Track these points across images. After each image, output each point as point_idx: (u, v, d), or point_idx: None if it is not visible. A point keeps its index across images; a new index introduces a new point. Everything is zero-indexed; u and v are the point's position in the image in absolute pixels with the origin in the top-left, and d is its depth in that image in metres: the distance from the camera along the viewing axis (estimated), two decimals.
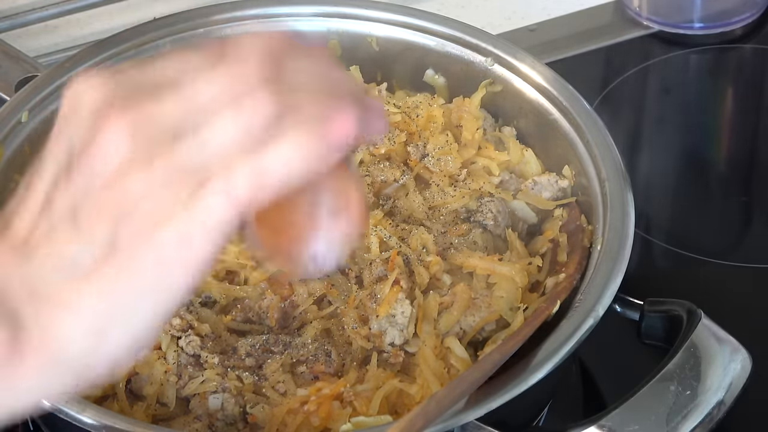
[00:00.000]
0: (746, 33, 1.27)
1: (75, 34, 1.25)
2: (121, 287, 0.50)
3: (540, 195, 0.92)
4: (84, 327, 0.50)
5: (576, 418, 0.76)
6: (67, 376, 0.51)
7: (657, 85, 1.24)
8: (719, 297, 0.98)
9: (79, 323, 0.50)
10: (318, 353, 0.81)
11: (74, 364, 0.50)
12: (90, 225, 0.50)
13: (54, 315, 0.50)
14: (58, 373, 0.51)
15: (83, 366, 0.51)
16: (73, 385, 0.51)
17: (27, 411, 0.52)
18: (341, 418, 0.77)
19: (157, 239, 0.49)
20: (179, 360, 0.81)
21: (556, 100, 0.94)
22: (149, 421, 0.78)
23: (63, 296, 0.50)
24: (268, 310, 0.84)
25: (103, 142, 0.49)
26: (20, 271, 0.50)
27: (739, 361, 0.77)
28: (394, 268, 0.84)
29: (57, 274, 0.50)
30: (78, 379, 0.51)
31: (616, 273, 0.81)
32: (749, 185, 1.16)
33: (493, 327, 0.83)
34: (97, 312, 0.50)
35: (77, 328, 0.50)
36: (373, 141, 0.52)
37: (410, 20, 1.01)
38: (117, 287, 0.50)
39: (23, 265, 0.50)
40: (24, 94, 0.95)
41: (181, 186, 0.49)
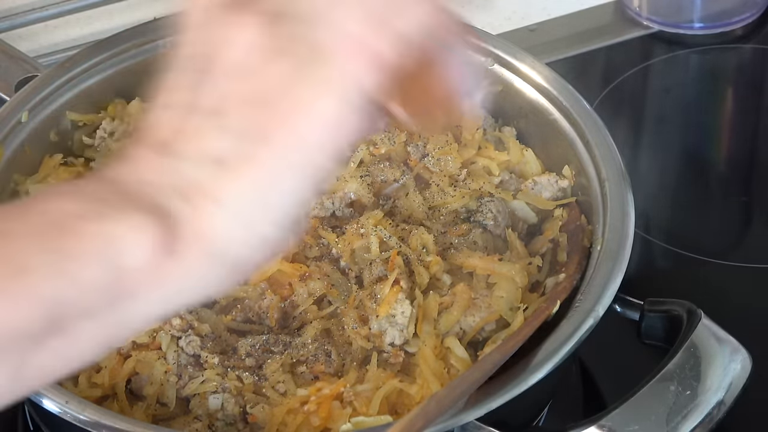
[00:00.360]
0: (746, 33, 1.27)
1: (75, 34, 1.25)
2: (265, 172, 0.50)
3: (540, 195, 0.92)
4: (236, 219, 0.50)
5: (576, 418, 0.76)
6: (221, 268, 0.51)
7: (657, 85, 1.24)
8: (719, 297, 0.98)
9: (231, 216, 0.50)
10: (318, 353, 0.81)
11: (228, 256, 0.51)
12: (236, 119, 0.51)
13: (206, 209, 0.50)
14: (213, 265, 0.51)
15: (237, 257, 0.51)
16: (228, 278, 0.52)
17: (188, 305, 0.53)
18: (341, 418, 0.77)
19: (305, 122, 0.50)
20: (179, 360, 0.81)
21: (556, 100, 0.94)
22: (149, 421, 0.78)
23: (213, 190, 0.50)
24: (268, 310, 0.84)
25: (239, 38, 0.51)
26: (170, 169, 0.51)
27: (739, 361, 0.77)
28: (394, 268, 0.84)
29: (205, 169, 0.50)
30: (232, 270, 0.52)
31: (616, 273, 0.81)
32: (749, 185, 1.16)
33: (493, 327, 0.83)
34: (247, 202, 0.50)
35: (229, 221, 0.50)
36: None
37: None
38: (261, 173, 0.50)
39: (172, 164, 0.51)
40: (24, 94, 0.95)
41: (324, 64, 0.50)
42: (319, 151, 0.51)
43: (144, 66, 1.01)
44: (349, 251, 0.87)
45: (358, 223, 0.88)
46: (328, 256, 0.88)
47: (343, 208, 0.91)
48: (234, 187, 0.50)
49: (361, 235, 0.87)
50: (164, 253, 0.50)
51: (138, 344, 0.81)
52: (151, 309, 0.51)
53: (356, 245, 0.87)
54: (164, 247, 0.49)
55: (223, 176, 0.50)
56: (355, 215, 0.90)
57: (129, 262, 0.49)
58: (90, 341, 0.50)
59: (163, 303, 0.51)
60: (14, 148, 0.93)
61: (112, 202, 0.50)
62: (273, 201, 0.51)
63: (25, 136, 0.94)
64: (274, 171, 0.51)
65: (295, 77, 0.51)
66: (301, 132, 0.51)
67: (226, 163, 0.50)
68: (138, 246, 0.49)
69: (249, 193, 0.51)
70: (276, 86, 0.50)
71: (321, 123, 0.51)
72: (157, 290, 0.50)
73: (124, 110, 0.99)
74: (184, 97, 0.52)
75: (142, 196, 0.50)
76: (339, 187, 0.91)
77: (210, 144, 0.51)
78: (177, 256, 0.50)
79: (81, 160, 0.97)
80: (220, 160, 0.50)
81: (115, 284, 0.49)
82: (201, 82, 0.52)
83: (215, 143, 0.51)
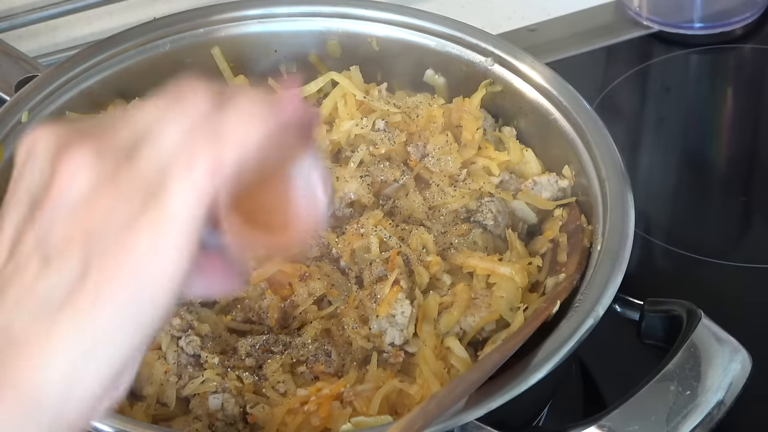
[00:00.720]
0: (746, 33, 1.27)
1: (75, 34, 1.25)
2: (97, 316, 0.48)
3: (540, 195, 0.92)
4: (58, 367, 0.48)
5: (576, 418, 0.76)
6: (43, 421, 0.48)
7: (657, 85, 1.24)
8: (719, 297, 0.98)
9: (53, 364, 0.48)
10: (318, 353, 0.81)
11: (50, 409, 0.48)
12: (60, 255, 0.48)
13: (27, 358, 0.48)
14: (33, 419, 0.48)
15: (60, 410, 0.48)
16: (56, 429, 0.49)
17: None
18: (341, 418, 0.77)
19: (130, 252, 0.48)
20: (179, 360, 0.81)
21: (556, 100, 0.94)
22: (149, 421, 0.78)
23: (36, 336, 0.48)
24: (268, 310, 0.84)
25: (65, 174, 0.49)
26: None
27: (739, 361, 0.77)
28: (394, 268, 0.84)
29: (29, 313, 0.48)
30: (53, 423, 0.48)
31: (616, 273, 0.81)
32: (749, 185, 1.16)
33: (493, 327, 0.83)
34: (72, 349, 0.48)
35: (51, 369, 0.48)
36: None
37: (410, 20, 1.01)
38: (93, 317, 0.48)
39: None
40: (24, 94, 0.95)
41: (147, 195, 0.48)
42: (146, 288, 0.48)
43: (144, 66, 1.01)
44: (349, 251, 0.87)
45: (358, 223, 0.88)
46: (328, 256, 0.88)
47: (343, 208, 0.91)
48: (55, 331, 0.48)
49: (361, 235, 0.87)
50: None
51: None
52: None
53: (356, 245, 0.87)
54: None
55: (44, 320, 0.48)
56: (355, 215, 0.90)
57: None
58: None
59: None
60: (14, 148, 0.93)
61: None
62: (96, 345, 0.48)
63: None
64: (95, 312, 0.48)
65: (125, 210, 0.48)
66: (124, 268, 0.48)
67: (48, 305, 0.48)
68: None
69: (70, 338, 0.47)
70: (101, 219, 0.48)
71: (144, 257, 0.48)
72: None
73: None
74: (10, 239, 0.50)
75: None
76: (339, 187, 0.91)
77: (32, 286, 0.48)
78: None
79: None
80: (43, 302, 0.48)
81: None
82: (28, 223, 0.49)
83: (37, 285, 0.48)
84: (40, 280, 0.48)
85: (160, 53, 1.01)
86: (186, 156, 0.49)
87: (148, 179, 0.49)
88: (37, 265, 0.49)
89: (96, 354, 0.48)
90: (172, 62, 1.01)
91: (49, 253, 0.48)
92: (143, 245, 0.48)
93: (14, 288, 0.49)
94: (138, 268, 0.48)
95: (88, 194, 0.49)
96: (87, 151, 0.49)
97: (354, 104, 0.97)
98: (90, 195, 0.49)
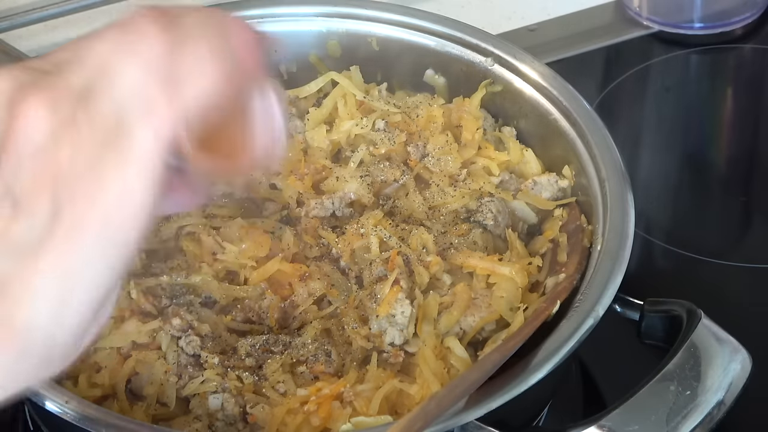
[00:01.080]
0: (746, 33, 1.27)
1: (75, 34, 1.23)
2: (72, 255, 0.49)
3: (540, 195, 0.92)
4: (44, 305, 0.49)
5: (576, 418, 0.76)
6: (35, 360, 0.50)
7: (657, 85, 1.24)
8: (719, 297, 0.98)
9: (39, 303, 0.49)
10: (318, 353, 0.81)
11: (41, 347, 0.50)
12: (29, 200, 0.49)
13: (12, 299, 0.49)
14: (26, 358, 0.50)
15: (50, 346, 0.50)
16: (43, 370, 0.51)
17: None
18: (341, 418, 0.77)
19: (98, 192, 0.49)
20: (179, 360, 0.81)
21: (556, 100, 0.94)
22: (149, 421, 0.78)
23: (17, 279, 0.49)
24: (268, 310, 0.84)
25: (24, 119, 0.50)
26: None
27: (739, 361, 0.77)
28: (394, 268, 0.84)
29: (7, 258, 0.49)
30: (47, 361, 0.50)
31: (616, 273, 0.81)
32: (749, 185, 1.16)
33: (493, 327, 0.83)
34: (54, 287, 0.49)
35: (38, 309, 0.49)
36: None
37: (410, 20, 1.01)
38: (68, 256, 0.49)
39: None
40: None
41: (108, 137, 0.50)
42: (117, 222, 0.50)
43: None
44: (349, 251, 0.87)
45: (358, 223, 0.88)
46: (328, 256, 0.88)
47: (343, 208, 0.91)
48: (35, 271, 0.49)
49: (361, 235, 0.87)
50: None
51: (138, 344, 0.81)
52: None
53: (356, 245, 0.87)
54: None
55: (23, 262, 0.49)
56: (355, 215, 0.90)
57: None
58: None
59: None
60: None
61: None
62: (76, 281, 0.50)
63: None
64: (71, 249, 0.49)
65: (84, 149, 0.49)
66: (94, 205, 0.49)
67: (25, 248, 0.49)
68: None
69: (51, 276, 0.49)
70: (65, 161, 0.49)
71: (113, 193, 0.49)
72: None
73: None
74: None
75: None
76: (339, 187, 0.91)
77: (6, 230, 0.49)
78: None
79: None
80: (19, 245, 0.49)
81: None
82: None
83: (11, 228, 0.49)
84: (13, 225, 0.49)
85: None
86: (147, 100, 0.50)
87: (108, 122, 0.50)
88: (8, 211, 0.49)
89: (76, 290, 0.50)
90: None
91: (18, 199, 0.49)
92: (111, 186, 0.49)
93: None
94: (108, 207, 0.50)
95: (49, 139, 0.49)
96: (43, 96, 0.50)
97: (354, 104, 0.98)
98: (51, 140, 0.49)
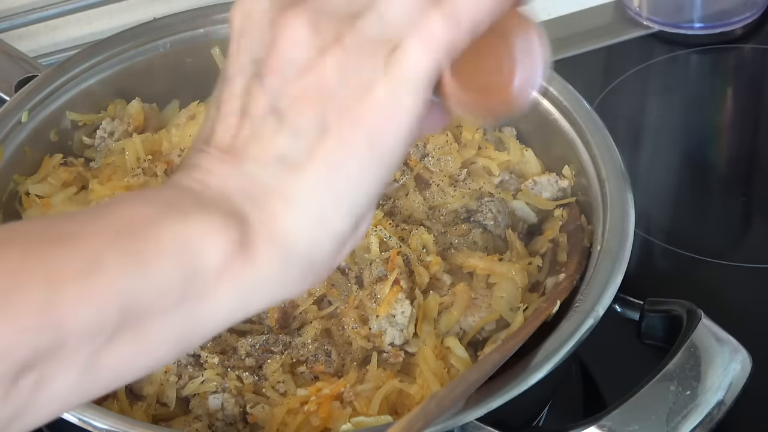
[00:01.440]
0: (746, 33, 1.27)
1: (75, 34, 1.25)
2: (335, 170, 0.50)
3: (540, 195, 0.92)
4: (307, 217, 0.50)
5: (576, 418, 0.76)
6: (296, 267, 0.51)
7: (657, 85, 1.24)
8: (719, 297, 0.98)
9: (302, 214, 0.50)
10: (318, 353, 0.81)
11: (302, 255, 0.51)
12: (295, 116, 0.50)
13: (276, 210, 0.50)
14: (288, 265, 0.51)
15: (310, 255, 0.51)
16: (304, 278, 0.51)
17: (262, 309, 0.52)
18: (341, 418, 0.77)
19: (365, 111, 0.50)
20: (179, 360, 0.81)
21: (556, 100, 0.94)
22: (149, 421, 0.78)
23: (282, 191, 0.50)
24: (268, 310, 0.84)
25: (289, 36, 0.50)
26: (235, 173, 0.51)
27: (739, 361, 0.77)
28: (394, 268, 0.84)
29: (271, 171, 0.50)
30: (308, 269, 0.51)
31: (616, 273, 0.81)
32: (749, 185, 1.16)
33: (493, 327, 0.83)
34: (317, 200, 0.50)
35: (300, 220, 0.50)
36: None
37: None
38: (337, 171, 0.50)
39: (237, 168, 0.51)
40: (24, 94, 0.95)
41: (376, 54, 0.50)
42: (385, 139, 0.50)
43: (144, 66, 1.01)
44: None
45: None
46: None
47: None
48: (300, 184, 0.50)
49: None
50: (238, 255, 0.49)
51: None
52: (226, 311, 0.51)
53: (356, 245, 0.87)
54: (238, 249, 0.49)
55: (288, 175, 0.50)
56: None
57: (203, 263, 0.49)
58: (163, 341, 0.50)
59: (239, 305, 0.51)
60: (14, 148, 0.93)
61: (184, 206, 0.50)
62: (342, 195, 0.51)
63: (25, 136, 0.94)
64: (339, 164, 0.50)
65: (350, 67, 0.50)
66: (363, 121, 0.50)
67: (290, 161, 0.50)
68: (212, 247, 0.49)
69: (316, 190, 0.50)
70: (332, 78, 0.50)
71: (383, 110, 0.50)
72: (231, 291, 0.50)
73: (124, 110, 0.99)
74: (240, 102, 0.52)
75: (213, 201, 0.50)
76: None
77: (271, 144, 0.51)
78: (251, 257, 0.50)
79: (81, 160, 0.97)
80: (284, 158, 0.50)
81: (189, 284, 0.49)
82: (256, 86, 0.51)
83: (277, 143, 0.50)
84: (279, 139, 0.50)
85: (160, 53, 1.01)
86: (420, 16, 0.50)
87: (376, 39, 0.50)
88: (273, 125, 0.51)
89: (338, 200, 0.51)
90: (172, 62, 1.02)
91: (284, 113, 0.51)
92: (378, 105, 0.50)
93: (254, 149, 0.51)
94: (375, 124, 0.50)
95: (314, 55, 0.50)
96: (307, 15, 0.51)
97: None
98: (319, 56, 0.50)
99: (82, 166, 0.96)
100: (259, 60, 0.52)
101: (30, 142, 0.94)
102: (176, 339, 0.50)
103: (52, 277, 0.46)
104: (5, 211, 0.91)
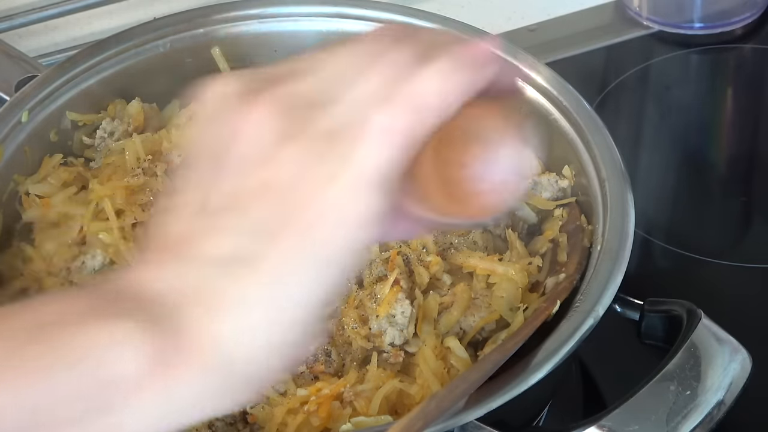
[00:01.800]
0: (746, 33, 1.27)
1: (75, 34, 1.25)
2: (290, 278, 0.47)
3: (540, 195, 0.92)
4: (245, 326, 0.46)
5: (576, 418, 0.76)
6: (229, 381, 0.47)
7: (657, 85, 1.24)
8: (719, 297, 0.98)
9: (240, 322, 0.46)
10: (318, 353, 0.81)
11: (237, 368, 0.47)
12: (252, 209, 0.47)
13: (218, 314, 0.46)
14: (219, 378, 0.47)
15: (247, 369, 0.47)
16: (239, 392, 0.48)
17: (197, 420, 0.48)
18: (341, 418, 0.77)
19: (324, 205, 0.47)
20: None
21: (556, 100, 0.94)
22: None
23: (228, 293, 0.46)
24: None
25: (253, 124, 0.48)
26: (181, 272, 0.47)
27: (739, 361, 0.77)
28: (394, 268, 0.84)
29: (221, 271, 0.47)
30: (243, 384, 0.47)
31: (616, 273, 0.80)
32: (749, 185, 1.16)
33: (493, 327, 0.83)
34: (257, 307, 0.47)
35: (238, 328, 0.46)
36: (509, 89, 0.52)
37: (410, 20, 1.01)
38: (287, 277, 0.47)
39: (184, 267, 0.47)
40: (24, 94, 0.95)
41: (339, 145, 0.47)
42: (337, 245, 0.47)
43: (144, 66, 1.01)
44: None
45: None
46: None
47: None
48: (242, 290, 0.46)
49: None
50: (160, 366, 0.46)
51: None
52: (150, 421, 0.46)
53: None
54: (160, 359, 0.46)
55: (232, 279, 0.46)
56: None
57: (115, 373, 0.45)
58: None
59: (166, 416, 0.47)
60: (14, 148, 0.92)
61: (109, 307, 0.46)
62: (286, 304, 0.47)
63: (25, 136, 0.94)
64: (286, 271, 0.46)
65: (309, 163, 0.47)
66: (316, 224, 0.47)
67: (236, 264, 0.46)
68: (127, 356, 0.45)
69: (258, 297, 0.46)
70: (289, 175, 0.47)
71: (338, 213, 0.47)
72: (154, 404, 0.46)
73: (124, 110, 0.99)
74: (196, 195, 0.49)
75: (147, 301, 0.47)
76: None
77: (219, 244, 0.47)
78: (175, 369, 0.46)
79: (81, 160, 0.97)
80: (230, 260, 0.47)
81: (99, 395, 0.45)
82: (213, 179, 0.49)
83: (225, 242, 0.47)
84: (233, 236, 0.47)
85: (160, 53, 1.01)
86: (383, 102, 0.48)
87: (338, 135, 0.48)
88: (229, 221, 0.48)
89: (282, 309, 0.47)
90: (172, 62, 1.01)
91: (242, 207, 0.47)
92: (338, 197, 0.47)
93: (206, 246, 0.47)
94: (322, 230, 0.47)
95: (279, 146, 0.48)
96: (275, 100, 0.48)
97: None
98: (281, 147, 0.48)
99: (82, 166, 0.96)
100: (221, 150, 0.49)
101: (30, 142, 0.94)
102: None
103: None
104: (5, 211, 0.91)
